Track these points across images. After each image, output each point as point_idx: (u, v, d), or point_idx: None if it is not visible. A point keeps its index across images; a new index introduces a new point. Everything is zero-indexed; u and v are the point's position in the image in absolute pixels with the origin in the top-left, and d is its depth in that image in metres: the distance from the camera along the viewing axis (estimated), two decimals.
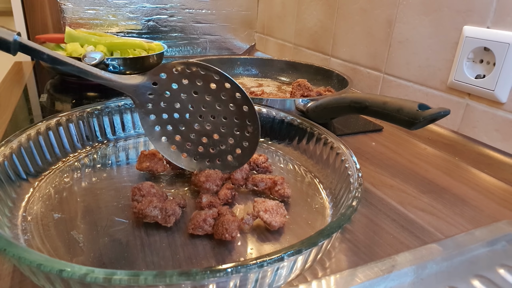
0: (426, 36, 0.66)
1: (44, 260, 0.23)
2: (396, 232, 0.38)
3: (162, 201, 0.37)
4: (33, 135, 0.43)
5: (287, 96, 0.70)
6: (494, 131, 0.56)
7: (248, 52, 1.29)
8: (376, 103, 0.48)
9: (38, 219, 0.36)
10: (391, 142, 0.61)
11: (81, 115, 0.49)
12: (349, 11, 0.85)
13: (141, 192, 0.38)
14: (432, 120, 0.43)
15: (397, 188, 0.47)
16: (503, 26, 0.54)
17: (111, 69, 0.79)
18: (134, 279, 0.22)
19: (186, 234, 0.35)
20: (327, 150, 0.45)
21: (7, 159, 0.38)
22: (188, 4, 1.15)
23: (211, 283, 0.24)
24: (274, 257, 0.24)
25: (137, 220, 0.36)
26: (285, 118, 0.53)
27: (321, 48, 0.97)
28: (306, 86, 0.70)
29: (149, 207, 0.35)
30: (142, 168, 0.44)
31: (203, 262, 0.32)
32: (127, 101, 0.54)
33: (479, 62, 0.57)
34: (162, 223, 0.35)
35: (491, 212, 0.43)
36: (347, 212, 0.30)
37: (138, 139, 0.54)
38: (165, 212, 0.35)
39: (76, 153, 0.48)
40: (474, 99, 0.59)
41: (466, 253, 0.36)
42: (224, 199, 0.39)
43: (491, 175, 0.52)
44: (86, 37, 0.84)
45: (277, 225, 0.35)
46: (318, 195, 0.43)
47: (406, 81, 0.71)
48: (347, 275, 0.31)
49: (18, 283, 0.29)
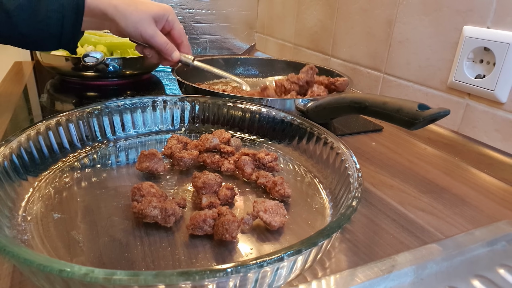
0: (426, 36, 0.66)
1: (44, 260, 0.23)
2: (396, 232, 0.38)
3: (162, 201, 0.37)
4: (33, 135, 0.43)
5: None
6: (494, 131, 0.56)
7: (248, 52, 1.29)
8: (376, 103, 0.48)
9: (38, 219, 0.36)
10: (391, 142, 0.61)
11: (81, 115, 0.49)
12: (349, 11, 0.85)
13: (140, 192, 0.38)
14: (431, 120, 0.43)
15: (397, 188, 0.47)
16: (503, 26, 0.54)
17: (111, 69, 0.79)
18: (134, 279, 0.22)
19: (186, 234, 0.35)
20: (327, 150, 0.45)
21: (6, 159, 0.38)
22: (188, 4, 1.15)
23: (210, 283, 0.24)
24: (274, 257, 0.24)
25: (137, 220, 0.36)
26: (285, 118, 0.53)
27: (321, 48, 0.97)
28: (315, 70, 0.68)
29: (149, 207, 0.35)
30: (142, 168, 0.44)
31: (203, 262, 0.32)
32: (127, 101, 0.54)
33: (479, 62, 0.57)
34: (162, 223, 0.35)
35: (491, 212, 0.43)
36: (347, 212, 0.30)
37: (138, 139, 0.54)
38: (165, 212, 0.35)
39: (76, 153, 0.48)
40: (474, 99, 0.59)
41: (466, 253, 0.36)
42: (224, 199, 0.39)
43: (491, 175, 0.52)
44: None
45: (277, 225, 0.35)
46: (318, 195, 0.43)
47: (406, 81, 0.71)
48: (347, 275, 0.31)
49: (18, 283, 0.29)
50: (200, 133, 0.55)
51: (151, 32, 0.60)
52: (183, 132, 0.58)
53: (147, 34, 0.60)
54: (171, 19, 0.63)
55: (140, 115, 0.55)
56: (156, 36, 0.61)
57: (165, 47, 0.62)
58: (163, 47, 0.62)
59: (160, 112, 0.57)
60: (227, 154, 0.48)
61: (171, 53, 0.63)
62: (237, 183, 0.45)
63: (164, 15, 0.62)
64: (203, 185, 0.39)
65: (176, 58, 0.64)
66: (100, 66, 0.77)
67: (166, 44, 0.62)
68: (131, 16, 0.57)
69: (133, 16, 0.58)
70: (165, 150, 0.48)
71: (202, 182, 0.39)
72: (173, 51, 0.64)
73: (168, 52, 0.63)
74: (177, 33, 0.65)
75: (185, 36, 0.68)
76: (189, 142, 0.50)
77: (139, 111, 0.55)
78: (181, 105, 0.57)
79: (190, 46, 0.69)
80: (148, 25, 0.59)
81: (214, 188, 0.40)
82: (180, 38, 0.66)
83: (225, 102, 0.57)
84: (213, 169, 0.47)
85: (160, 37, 0.61)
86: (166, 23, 0.63)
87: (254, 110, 0.55)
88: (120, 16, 0.57)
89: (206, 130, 0.57)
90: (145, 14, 0.59)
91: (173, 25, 0.64)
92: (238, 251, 0.33)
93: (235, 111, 0.56)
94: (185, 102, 0.57)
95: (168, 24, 0.64)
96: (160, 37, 0.61)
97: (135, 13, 0.58)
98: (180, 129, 0.58)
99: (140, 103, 0.55)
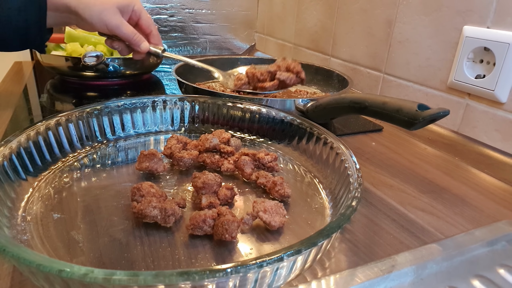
0: (426, 36, 0.66)
1: (43, 261, 0.23)
2: (396, 232, 0.38)
3: (161, 201, 0.37)
4: (33, 135, 0.43)
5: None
6: (494, 131, 0.56)
7: (248, 52, 1.29)
8: (376, 103, 0.48)
9: (38, 219, 0.35)
10: (391, 142, 0.61)
11: (80, 115, 0.49)
12: (349, 11, 0.85)
13: (140, 192, 0.38)
14: (431, 121, 0.43)
15: (397, 188, 0.47)
16: (503, 26, 0.54)
17: (111, 69, 0.79)
18: (134, 279, 0.22)
19: (186, 234, 0.35)
20: (326, 150, 0.45)
21: (6, 159, 0.38)
22: (188, 4, 1.15)
23: (210, 283, 0.24)
24: (273, 257, 0.24)
25: (137, 220, 0.36)
26: (285, 118, 0.53)
27: (321, 48, 0.97)
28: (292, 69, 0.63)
29: (149, 207, 0.35)
30: (142, 168, 0.44)
31: (202, 262, 0.32)
32: (127, 101, 0.54)
33: (479, 62, 0.57)
34: (162, 223, 0.35)
35: (491, 212, 0.43)
36: (347, 212, 0.30)
37: (137, 139, 0.54)
38: (165, 212, 0.35)
39: (75, 153, 0.48)
40: (474, 99, 0.59)
41: (466, 253, 0.36)
42: (224, 199, 0.39)
43: (491, 175, 0.52)
44: (86, 37, 0.84)
45: (277, 225, 0.35)
46: (318, 195, 0.42)
47: (406, 81, 0.71)
48: (347, 275, 0.31)
49: (18, 283, 0.29)
50: (200, 133, 0.55)
51: (116, 22, 0.58)
52: (182, 132, 0.58)
53: (112, 25, 0.58)
54: (137, 8, 0.62)
55: (140, 115, 0.55)
56: (122, 26, 0.59)
57: (133, 37, 0.61)
58: (130, 38, 0.61)
59: (160, 112, 0.57)
60: (226, 154, 0.48)
61: (139, 44, 0.62)
62: (237, 183, 0.45)
63: (129, 5, 0.61)
64: (202, 185, 0.39)
65: (145, 48, 0.63)
66: (100, 66, 0.77)
67: (133, 34, 0.61)
68: (94, 7, 0.56)
69: (96, 7, 0.57)
70: (165, 150, 0.48)
71: (202, 182, 0.39)
72: (142, 41, 0.62)
73: (136, 42, 0.61)
74: (145, 22, 0.64)
75: (154, 25, 0.66)
76: (189, 142, 0.50)
77: (139, 111, 0.55)
78: (180, 105, 0.57)
79: (159, 36, 0.67)
80: (113, 15, 0.58)
81: (214, 188, 0.40)
82: (148, 28, 0.65)
83: (225, 102, 0.57)
84: (213, 169, 0.47)
85: (126, 27, 0.60)
86: (132, 13, 0.62)
87: (254, 110, 0.55)
88: (83, 8, 0.56)
89: (206, 130, 0.57)
90: (108, 4, 0.58)
91: (140, 15, 0.63)
92: (238, 251, 0.33)
93: (235, 111, 0.56)
94: (185, 102, 0.57)
95: (135, 14, 0.62)
96: (127, 27, 0.60)
97: (98, 3, 0.57)
98: (180, 129, 0.58)
99: (140, 103, 0.55)
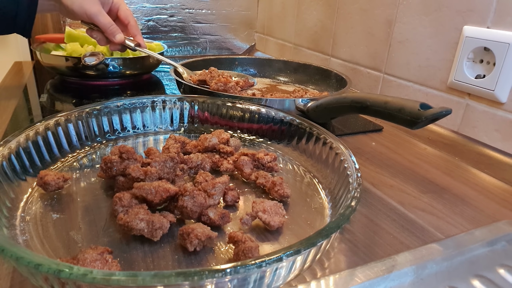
0: (426, 36, 0.66)
1: (42, 261, 0.23)
2: (396, 232, 0.38)
3: (149, 213, 0.34)
4: (32, 135, 0.42)
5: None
6: (494, 131, 0.56)
7: (248, 52, 1.29)
8: (377, 103, 0.48)
9: (37, 219, 0.35)
10: (391, 142, 0.61)
11: (80, 115, 0.49)
12: (349, 11, 0.85)
13: (122, 202, 0.35)
14: (433, 120, 0.43)
15: (397, 188, 0.47)
16: (503, 26, 0.53)
17: (111, 69, 0.79)
18: (132, 279, 0.22)
19: None
20: (326, 150, 0.45)
21: (5, 159, 0.38)
22: (188, 4, 1.15)
23: (209, 284, 0.24)
24: (273, 257, 0.24)
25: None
26: (284, 118, 0.53)
27: (321, 48, 0.97)
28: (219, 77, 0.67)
29: (135, 220, 0.32)
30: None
31: (202, 262, 0.32)
32: (126, 101, 0.54)
33: (479, 62, 0.57)
34: (149, 236, 0.33)
35: (491, 212, 0.43)
36: (346, 212, 0.30)
37: (137, 139, 0.54)
38: (152, 226, 0.33)
39: (75, 153, 0.48)
40: (474, 99, 0.59)
41: (466, 253, 0.36)
42: (232, 200, 0.39)
43: (491, 175, 0.52)
44: (86, 37, 0.83)
45: (276, 225, 0.35)
46: (317, 195, 0.42)
47: (406, 81, 0.71)
48: (347, 275, 0.31)
49: (18, 283, 0.29)
50: (199, 133, 0.55)
51: (95, 10, 0.62)
52: (182, 132, 0.57)
53: (91, 12, 0.62)
54: (116, 1, 0.67)
55: (139, 115, 0.55)
56: (99, 15, 0.63)
57: (109, 27, 0.64)
58: (107, 28, 0.64)
59: (159, 112, 0.57)
60: (226, 154, 0.47)
61: (115, 34, 0.65)
62: (236, 183, 0.45)
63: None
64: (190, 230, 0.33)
65: (120, 39, 0.66)
66: (100, 66, 0.77)
67: (110, 25, 0.64)
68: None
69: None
70: (163, 151, 0.48)
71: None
72: (117, 33, 0.66)
73: (111, 33, 0.65)
74: (123, 13, 0.68)
75: (133, 17, 0.70)
76: (187, 142, 0.50)
77: (138, 111, 0.55)
78: (180, 105, 0.57)
79: (138, 27, 0.71)
80: (93, 3, 0.62)
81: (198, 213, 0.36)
82: (126, 19, 0.69)
83: (224, 102, 0.57)
84: (212, 169, 0.47)
85: (104, 17, 0.64)
86: (112, 4, 0.67)
87: (253, 110, 0.55)
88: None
89: (205, 130, 0.57)
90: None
91: (119, 6, 0.68)
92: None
93: (234, 111, 0.56)
94: (184, 102, 0.57)
95: (114, 6, 0.67)
96: (104, 16, 0.64)
97: None
98: (179, 129, 0.58)
99: (139, 103, 0.55)
